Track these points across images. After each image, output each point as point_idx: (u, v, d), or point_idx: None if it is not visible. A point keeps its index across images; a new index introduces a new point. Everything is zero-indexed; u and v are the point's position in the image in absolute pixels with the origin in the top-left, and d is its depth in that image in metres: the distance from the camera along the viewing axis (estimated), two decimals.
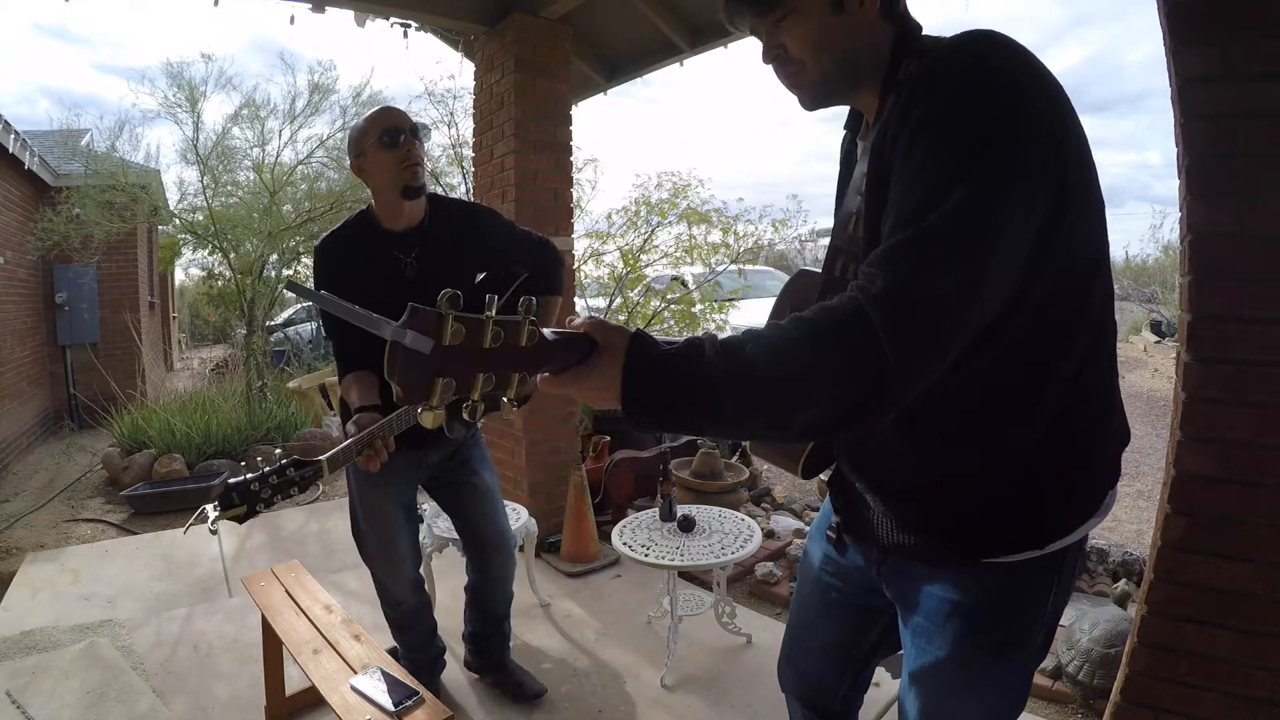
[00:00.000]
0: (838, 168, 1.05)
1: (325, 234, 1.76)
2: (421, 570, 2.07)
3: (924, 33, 0.86)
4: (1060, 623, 2.60)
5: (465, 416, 0.69)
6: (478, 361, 0.66)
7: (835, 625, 1.14)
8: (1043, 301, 0.74)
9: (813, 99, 0.88)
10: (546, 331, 0.70)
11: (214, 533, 1.28)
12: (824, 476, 1.06)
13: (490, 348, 0.66)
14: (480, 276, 1.83)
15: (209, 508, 1.32)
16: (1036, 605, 0.88)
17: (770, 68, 0.89)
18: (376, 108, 1.72)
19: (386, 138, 1.62)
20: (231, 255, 6.34)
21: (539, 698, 2.09)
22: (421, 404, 0.65)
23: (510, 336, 0.67)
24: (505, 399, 0.70)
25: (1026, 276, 0.72)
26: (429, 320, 0.63)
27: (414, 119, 1.68)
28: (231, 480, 1.32)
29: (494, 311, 0.66)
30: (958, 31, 0.77)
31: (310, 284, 1.83)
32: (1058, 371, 0.79)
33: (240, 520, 1.31)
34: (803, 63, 0.85)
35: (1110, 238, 0.82)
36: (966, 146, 0.68)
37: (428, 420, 0.67)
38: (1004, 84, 0.70)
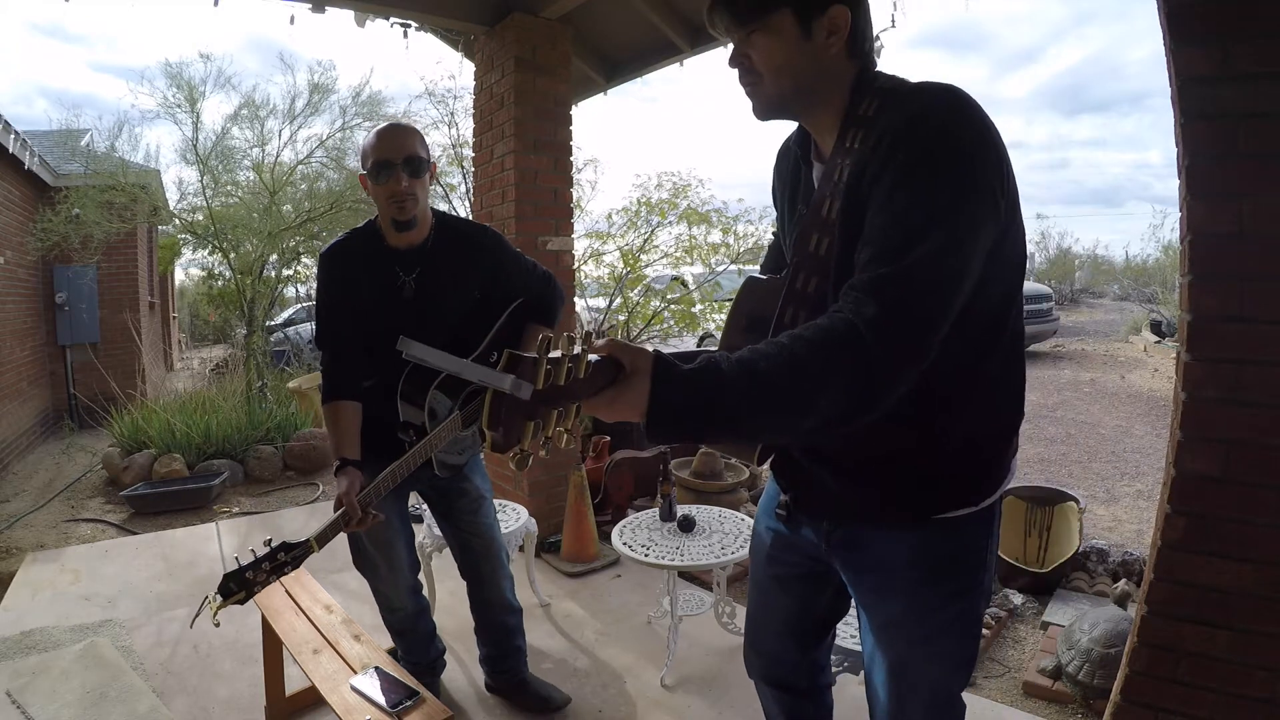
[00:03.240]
0: (774, 175, 1.16)
1: (332, 241, 1.75)
2: (421, 571, 2.06)
3: (878, 70, 0.96)
4: (1060, 622, 2.58)
5: (542, 454, 0.72)
6: (554, 399, 0.68)
7: (788, 598, 1.23)
8: (978, 314, 0.89)
9: (764, 111, 0.98)
10: (591, 359, 0.72)
11: (217, 625, 1.44)
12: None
13: (564, 384, 0.68)
14: (477, 295, 1.80)
15: (211, 596, 1.42)
16: (978, 551, 1.03)
17: (735, 73, 0.97)
18: (382, 124, 1.66)
19: (376, 170, 1.59)
20: (231, 255, 6.34)
21: (565, 707, 2.07)
22: (515, 448, 0.68)
23: (576, 371, 0.69)
24: (564, 429, 0.72)
25: (970, 296, 0.85)
26: (530, 368, 0.65)
27: (411, 149, 1.59)
28: (229, 571, 1.43)
29: (569, 350, 0.68)
30: (920, 81, 0.90)
31: (315, 285, 1.83)
32: (985, 366, 0.95)
33: (241, 603, 1.45)
34: (763, 77, 0.94)
35: (1110, 237, 0.89)
36: (943, 197, 0.81)
37: (517, 464, 0.70)
38: (972, 145, 0.84)
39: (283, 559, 1.45)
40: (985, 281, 0.86)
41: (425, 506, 2.03)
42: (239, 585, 1.42)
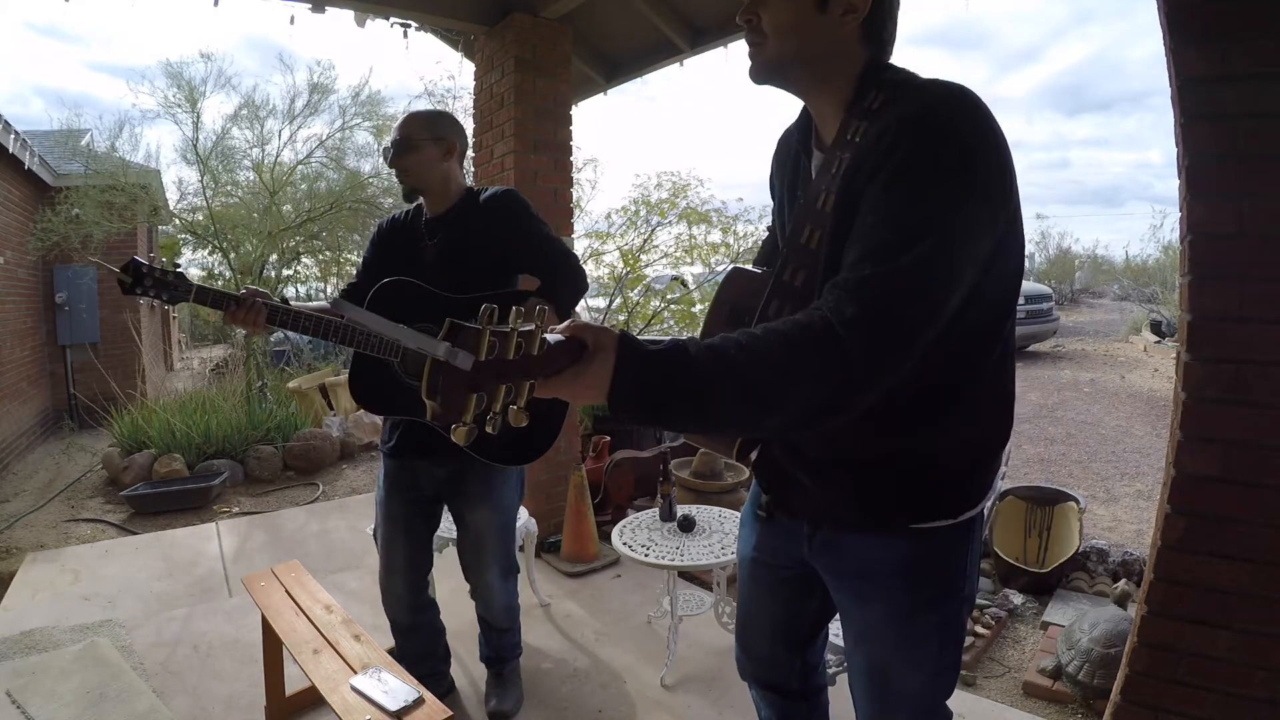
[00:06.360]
0: (773, 165, 1.13)
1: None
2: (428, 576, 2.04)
3: (893, 63, 0.93)
4: (1060, 622, 2.58)
5: (488, 429, 0.68)
6: (501, 373, 0.67)
7: (777, 602, 1.21)
8: (969, 327, 0.86)
9: (760, 73, 0.95)
10: (548, 337, 0.71)
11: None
12: (752, 457, 1.12)
13: (512, 359, 0.67)
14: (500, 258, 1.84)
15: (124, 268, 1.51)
16: (958, 560, 1.01)
17: (743, 26, 0.94)
18: None
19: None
20: (231, 255, 6.35)
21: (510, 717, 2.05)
22: (456, 421, 0.66)
23: (528, 347, 0.68)
24: (517, 407, 0.70)
25: (961, 307, 0.82)
26: (471, 338, 0.65)
27: (398, 133, 1.79)
28: (140, 260, 1.53)
29: (517, 323, 0.67)
30: (931, 78, 0.87)
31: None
32: (972, 380, 0.93)
33: (125, 284, 1.51)
34: (767, 37, 0.91)
35: (1110, 237, 0.88)
36: (939, 201, 0.79)
37: (461, 437, 0.67)
38: (976, 149, 0.81)
39: (172, 280, 1.54)
40: (979, 293, 0.83)
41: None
42: (133, 272, 1.50)
